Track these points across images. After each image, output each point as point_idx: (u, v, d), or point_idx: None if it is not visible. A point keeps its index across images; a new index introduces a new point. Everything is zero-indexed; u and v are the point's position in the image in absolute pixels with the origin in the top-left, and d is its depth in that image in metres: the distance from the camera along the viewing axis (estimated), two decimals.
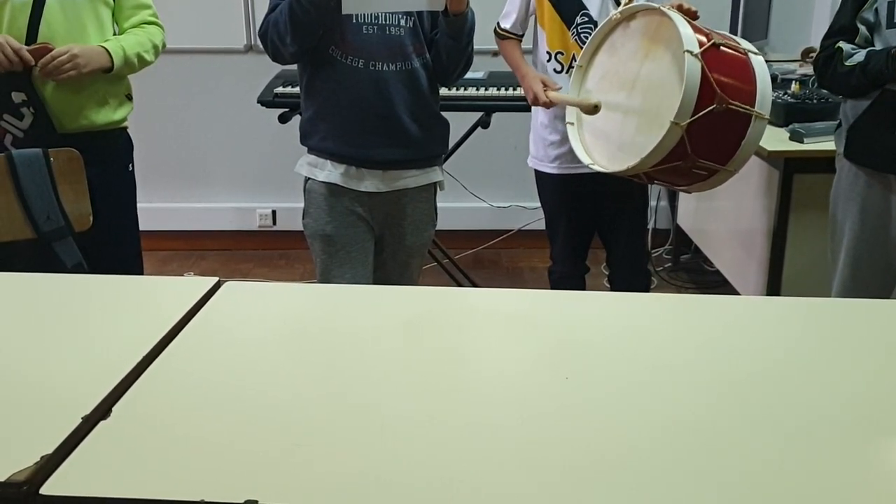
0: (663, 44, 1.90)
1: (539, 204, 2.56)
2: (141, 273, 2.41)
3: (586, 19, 2.23)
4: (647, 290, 2.57)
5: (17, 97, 2.07)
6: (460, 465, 0.90)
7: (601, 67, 2.08)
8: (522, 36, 2.39)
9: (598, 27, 2.09)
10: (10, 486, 0.86)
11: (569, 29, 2.24)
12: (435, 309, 1.33)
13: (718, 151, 1.89)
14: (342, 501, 0.84)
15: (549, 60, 2.30)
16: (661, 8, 1.90)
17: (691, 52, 1.78)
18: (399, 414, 1.00)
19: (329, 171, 2.02)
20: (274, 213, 4.00)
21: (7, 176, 1.94)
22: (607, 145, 2.03)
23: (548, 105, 2.22)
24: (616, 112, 2.02)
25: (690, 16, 1.92)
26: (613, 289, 2.56)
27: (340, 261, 2.05)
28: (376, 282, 2.12)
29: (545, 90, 2.21)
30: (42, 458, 0.89)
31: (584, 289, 2.52)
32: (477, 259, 3.90)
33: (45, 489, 0.86)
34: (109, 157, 2.24)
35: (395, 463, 0.90)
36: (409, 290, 1.46)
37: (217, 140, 3.91)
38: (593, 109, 2.05)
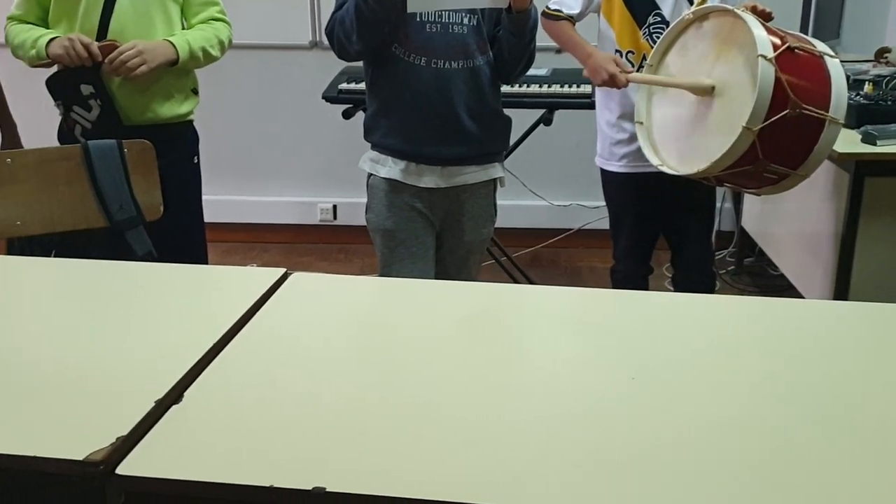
0: (736, 47, 1.86)
1: (600, 203, 2.54)
2: (205, 261, 2.46)
3: (659, 19, 2.20)
4: (711, 292, 2.53)
5: (86, 89, 2.15)
6: (521, 462, 0.90)
7: (672, 67, 2.05)
8: (574, 19, 2.33)
9: (671, 26, 2.06)
10: (88, 466, 0.89)
11: (640, 28, 2.22)
12: (495, 305, 1.33)
13: (790, 156, 1.85)
14: (406, 491, 0.85)
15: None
16: (735, 10, 1.87)
17: (765, 57, 1.75)
18: (460, 409, 1.00)
19: (390, 167, 2.04)
20: (335, 207, 4.04)
21: (83, 166, 2.00)
22: (677, 147, 2.00)
23: (625, 85, 2.13)
24: (687, 113, 1.99)
25: (764, 17, 1.88)
26: (677, 290, 2.52)
27: (400, 255, 2.07)
28: (435, 277, 2.13)
29: (621, 71, 2.12)
30: (117, 439, 0.92)
31: (647, 290, 2.49)
32: (535, 258, 3.88)
33: (121, 469, 0.89)
34: (175, 150, 2.29)
35: (456, 457, 0.90)
36: (472, 285, 1.46)
37: (281, 135, 3.97)
38: (710, 91, 1.92)
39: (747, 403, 1.02)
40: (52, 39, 2.14)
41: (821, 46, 1.90)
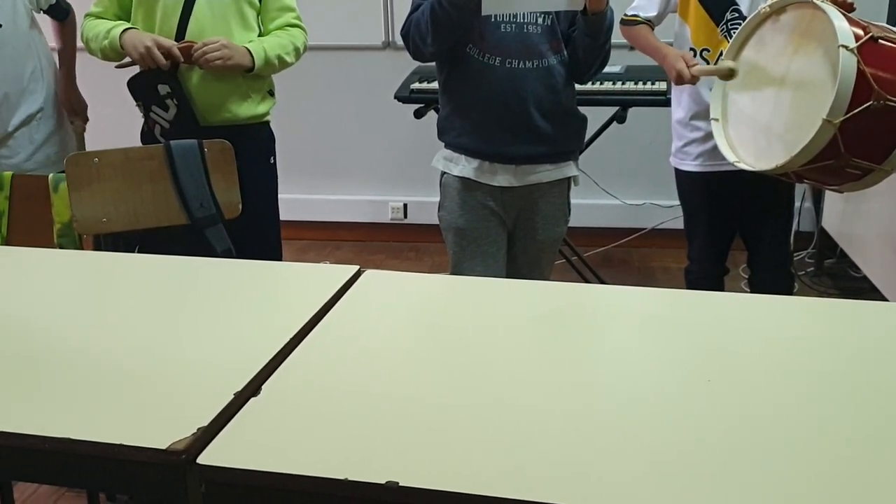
0: (816, 39, 1.81)
1: (674, 202, 2.50)
2: (280, 258, 2.51)
3: (736, 15, 2.15)
4: (790, 293, 2.46)
5: (163, 89, 2.21)
6: (594, 462, 0.89)
7: (748, 62, 2.01)
8: (653, 24, 2.31)
9: (746, 21, 2.02)
10: (171, 454, 0.92)
11: (717, 25, 2.17)
12: (567, 304, 1.32)
13: (874, 150, 1.79)
14: (478, 487, 0.85)
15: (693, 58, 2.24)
16: (815, 1, 1.81)
17: (846, 47, 1.69)
18: (532, 407, 1.00)
19: (463, 166, 2.05)
20: (405, 206, 4.07)
21: (165, 165, 2.07)
22: (754, 143, 1.96)
23: (694, 80, 2.13)
24: (764, 108, 1.94)
25: (846, 8, 1.82)
26: (754, 291, 2.46)
27: (472, 254, 2.07)
28: (507, 276, 2.13)
29: (688, 67, 2.11)
30: (198, 429, 0.95)
31: (722, 290, 2.44)
32: (607, 257, 3.83)
33: (202, 459, 0.92)
34: (252, 149, 2.33)
35: (527, 455, 0.90)
36: (545, 284, 1.46)
37: (354, 134, 4.02)
38: (728, 74, 1.98)
39: (826, 409, 0.99)
40: (125, 30, 2.19)
41: None
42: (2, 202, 2.18)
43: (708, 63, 2.20)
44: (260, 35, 2.31)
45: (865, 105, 1.70)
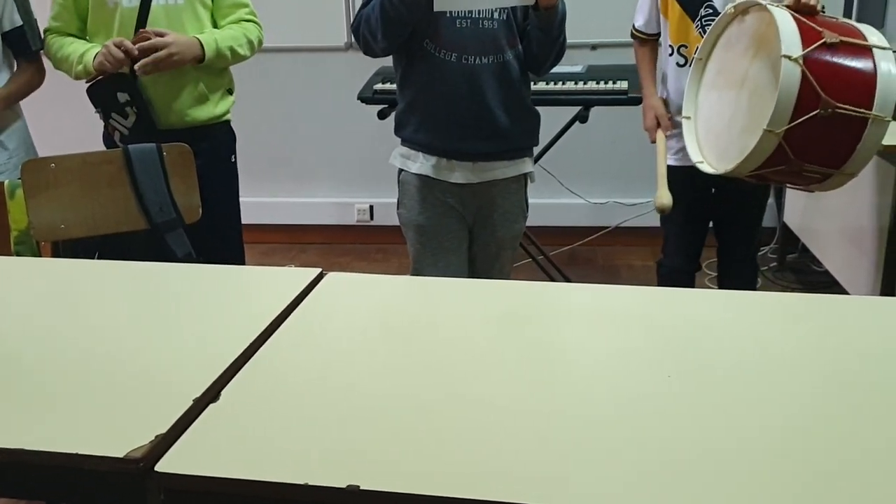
0: (767, 45, 1.82)
1: (638, 200, 2.53)
2: (242, 261, 2.49)
3: (711, 11, 2.17)
4: (753, 285, 2.50)
5: (122, 97, 2.19)
6: (555, 460, 0.89)
7: (718, 62, 2.02)
8: (658, 36, 2.38)
9: (716, 21, 2.03)
10: (129, 462, 0.90)
11: (693, 21, 2.20)
12: (532, 303, 1.33)
13: (829, 156, 1.77)
14: (440, 488, 0.85)
15: (671, 54, 2.27)
16: (769, 5, 1.82)
17: (789, 57, 1.69)
18: (496, 406, 1.00)
19: (421, 163, 2.04)
20: (371, 207, 4.06)
21: (124, 170, 2.04)
22: (717, 144, 1.97)
23: (653, 142, 2.34)
24: (726, 110, 1.95)
25: (808, 10, 1.82)
26: (720, 283, 2.50)
27: (433, 250, 2.07)
28: (468, 274, 2.13)
29: (657, 127, 2.32)
30: (156, 437, 0.94)
31: (692, 286, 2.47)
32: (572, 256, 3.86)
33: (160, 466, 0.90)
34: (212, 150, 2.32)
35: (490, 455, 0.90)
36: (507, 284, 1.46)
37: (318, 136, 4.00)
38: (661, 208, 2.15)
39: (790, 401, 1.00)
40: (97, 54, 2.18)
41: (875, 38, 1.80)
42: None
43: (686, 60, 2.23)
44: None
45: (812, 114, 1.69)
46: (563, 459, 0.89)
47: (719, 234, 2.48)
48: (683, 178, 2.33)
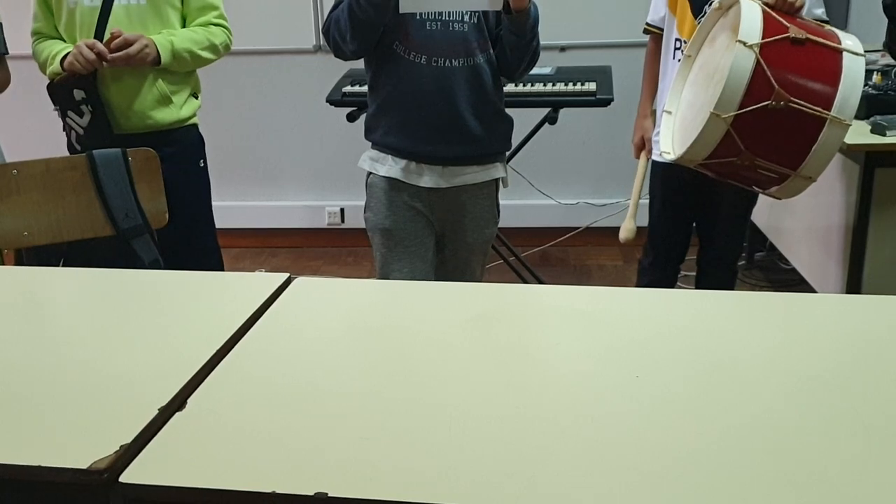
0: (735, 35, 1.84)
1: (608, 200, 2.55)
2: (221, 266, 2.46)
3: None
4: (732, 282, 2.52)
5: (78, 94, 2.16)
6: (529, 461, 0.89)
7: (702, 58, 2.03)
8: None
9: (705, 17, 2.03)
10: (92, 474, 0.89)
11: (696, 18, 2.20)
12: (501, 305, 1.32)
13: (783, 153, 1.77)
14: (410, 495, 0.84)
15: (677, 48, 2.27)
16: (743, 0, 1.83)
17: (745, 43, 1.69)
18: (466, 410, 0.99)
19: (390, 166, 2.03)
20: (342, 210, 4.05)
21: (88, 175, 2.01)
22: (682, 132, 1.99)
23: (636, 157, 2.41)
24: (697, 101, 1.96)
25: (787, 8, 1.82)
26: (697, 284, 2.51)
27: (399, 255, 2.06)
28: (438, 279, 2.12)
29: (641, 150, 2.40)
30: (121, 447, 0.92)
31: (673, 287, 2.48)
32: (544, 257, 3.87)
33: (124, 477, 0.89)
34: (178, 154, 2.30)
35: (461, 460, 0.89)
36: (477, 286, 1.46)
37: (287, 139, 3.98)
38: (626, 234, 2.22)
39: (756, 399, 1.00)
40: (67, 54, 2.17)
41: (848, 42, 1.79)
42: None
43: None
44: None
45: (763, 104, 1.68)
46: (535, 462, 0.89)
47: (701, 236, 2.49)
48: (669, 175, 2.34)
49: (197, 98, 2.36)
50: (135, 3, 2.20)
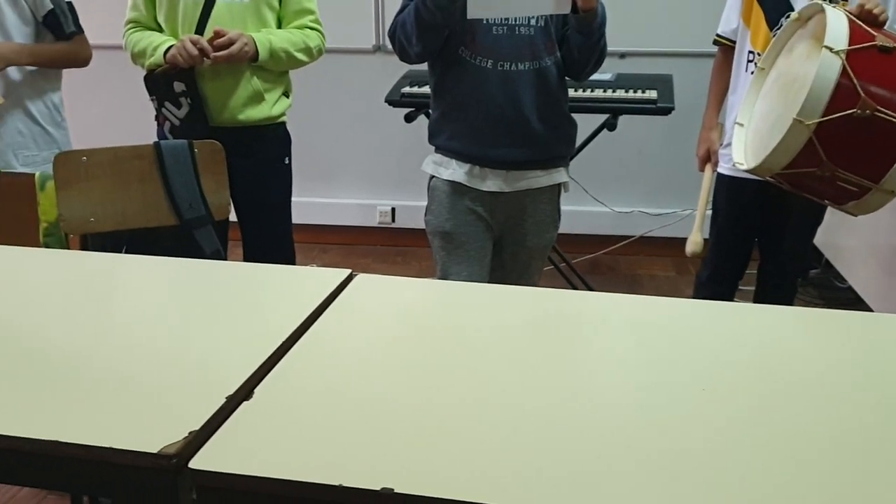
0: (819, 44, 1.79)
1: (663, 210, 2.51)
2: (293, 260, 2.49)
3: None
4: (791, 297, 2.47)
5: (178, 87, 2.21)
6: (585, 468, 0.88)
7: (777, 70, 1.99)
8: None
9: (782, 29, 1.99)
10: (162, 458, 0.91)
11: (771, 30, 2.16)
12: (561, 310, 1.32)
13: (865, 164, 1.72)
14: (472, 495, 0.84)
15: (750, 61, 2.23)
16: (826, 6, 1.79)
17: (831, 49, 1.66)
18: (523, 413, 0.99)
19: (454, 170, 2.04)
20: (393, 210, 4.07)
21: (155, 165, 2.05)
22: (757, 142, 1.95)
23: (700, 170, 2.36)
24: (773, 112, 1.92)
25: (871, 18, 1.78)
26: (756, 300, 2.46)
27: (458, 258, 2.06)
28: (495, 282, 2.12)
29: (706, 163, 2.34)
30: (190, 433, 0.94)
31: (731, 299, 2.44)
32: (594, 264, 3.84)
33: (193, 463, 0.90)
34: (266, 151, 2.35)
35: (519, 462, 0.89)
36: (536, 290, 1.45)
37: (344, 138, 4.01)
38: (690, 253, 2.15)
39: (816, 418, 0.99)
40: (169, 47, 2.21)
41: None
42: None
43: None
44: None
45: (848, 112, 1.65)
46: (587, 466, 0.88)
47: (763, 252, 2.45)
48: (735, 189, 2.31)
49: (288, 97, 2.41)
50: (237, 1, 2.23)
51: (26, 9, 2.38)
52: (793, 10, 2.11)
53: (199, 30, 2.22)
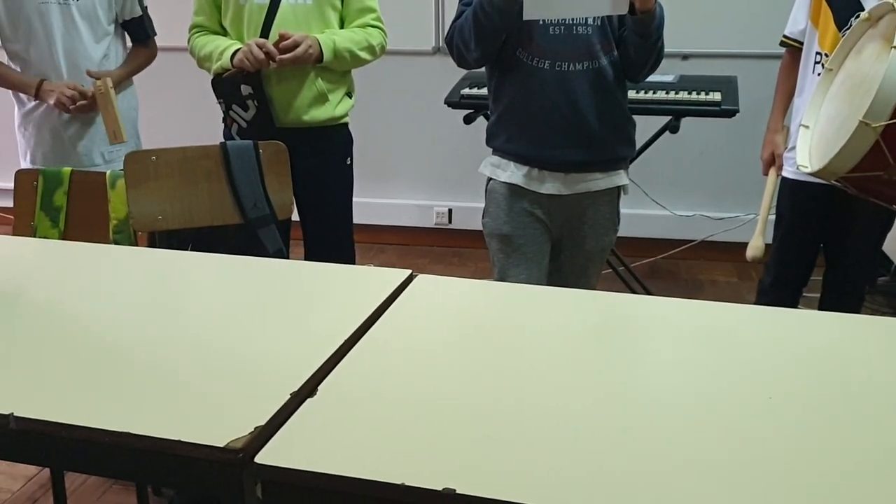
0: (891, 44, 1.74)
1: (725, 214, 2.47)
2: (353, 259, 2.53)
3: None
4: (858, 310, 2.40)
5: (245, 90, 2.25)
6: (648, 472, 0.88)
7: (845, 72, 1.95)
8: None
9: (850, 29, 1.95)
10: (228, 452, 0.93)
11: (840, 31, 2.12)
12: (621, 314, 1.31)
13: None
14: (533, 497, 0.84)
15: (818, 62, 2.19)
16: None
17: None
18: (585, 417, 0.99)
19: (512, 172, 2.03)
20: (450, 211, 4.08)
21: (221, 165, 2.10)
22: (823, 146, 1.91)
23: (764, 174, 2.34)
24: (840, 114, 1.88)
25: None
26: (822, 304, 2.41)
27: (516, 261, 2.06)
28: (553, 285, 2.10)
29: (771, 166, 2.32)
30: (256, 428, 0.96)
31: (794, 307, 2.38)
32: (654, 268, 3.80)
33: (259, 458, 0.92)
34: (327, 151, 2.38)
35: (581, 464, 0.89)
36: (596, 294, 1.44)
37: (402, 139, 4.04)
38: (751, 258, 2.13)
39: (887, 429, 0.96)
40: (236, 51, 2.25)
41: None
42: (60, 197, 2.23)
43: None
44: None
45: None
46: (646, 472, 0.87)
47: (829, 258, 2.39)
48: (800, 193, 2.26)
49: (351, 98, 2.44)
50: (301, 2, 2.27)
51: (113, 13, 2.51)
52: (863, 9, 2.05)
53: (265, 33, 2.25)
